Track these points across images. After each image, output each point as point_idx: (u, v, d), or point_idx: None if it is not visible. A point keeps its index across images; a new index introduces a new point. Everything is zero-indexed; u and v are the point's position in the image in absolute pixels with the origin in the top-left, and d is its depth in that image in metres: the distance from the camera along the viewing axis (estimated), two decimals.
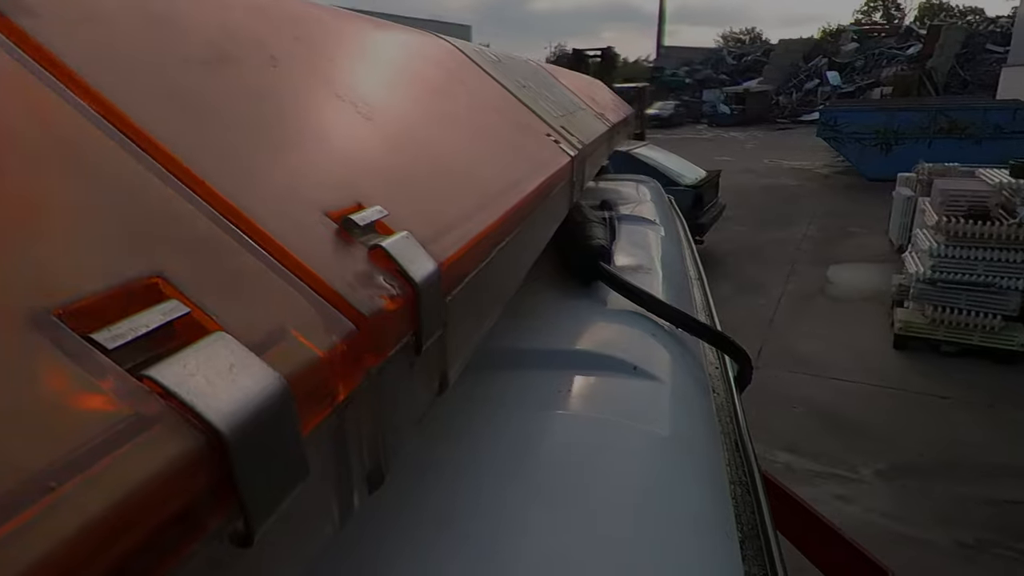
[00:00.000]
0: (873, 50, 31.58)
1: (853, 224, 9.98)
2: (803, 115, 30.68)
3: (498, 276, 0.60)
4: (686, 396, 0.88)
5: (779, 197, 11.89)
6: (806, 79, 33.04)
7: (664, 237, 1.64)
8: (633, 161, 8.47)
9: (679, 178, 8.36)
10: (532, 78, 1.40)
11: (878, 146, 13.40)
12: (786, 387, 4.93)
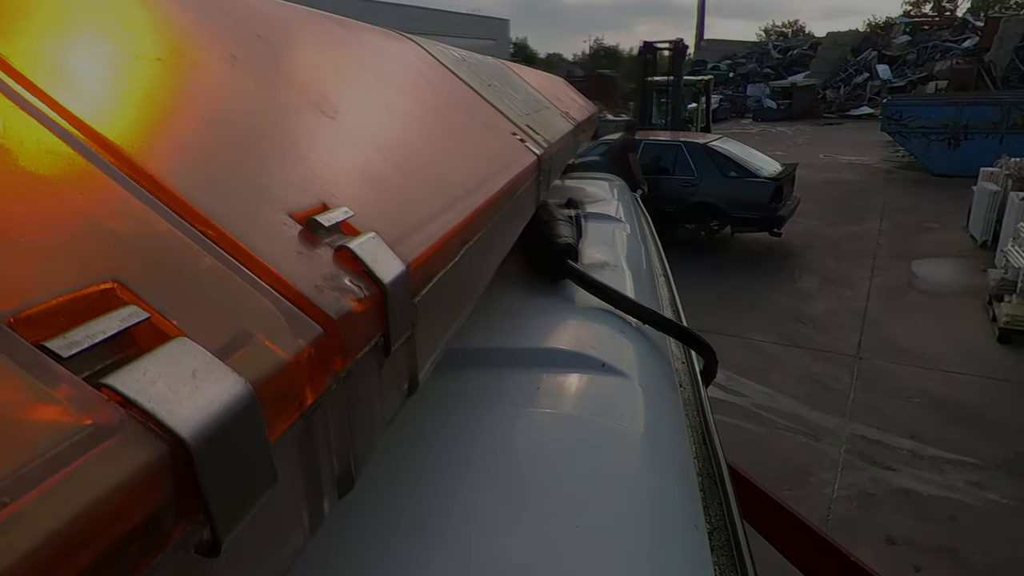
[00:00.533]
0: (926, 43, 30.78)
1: (927, 219, 9.86)
2: (851, 110, 30.07)
3: (466, 275, 0.60)
4: (654, 391, 0.89)
5: (844, 192, 11.77)
6: (855, 73, 32.36)
7: (630, 234, 1.65)
8: (712, 153, 8.51)
9: (758, 170, 8.36)
10: (498, 77, 1.39)
11: (945, 141, 13.16)
12: (896, 378, 4.97)
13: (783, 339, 5.85)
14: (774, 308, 6.61)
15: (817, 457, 4.08)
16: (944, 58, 28.69)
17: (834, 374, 5.16)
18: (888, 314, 6.32)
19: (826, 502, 3.64)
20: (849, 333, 5.92)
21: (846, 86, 32.00)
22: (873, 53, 32.34)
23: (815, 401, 4.75)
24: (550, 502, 0.60)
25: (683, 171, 8.54)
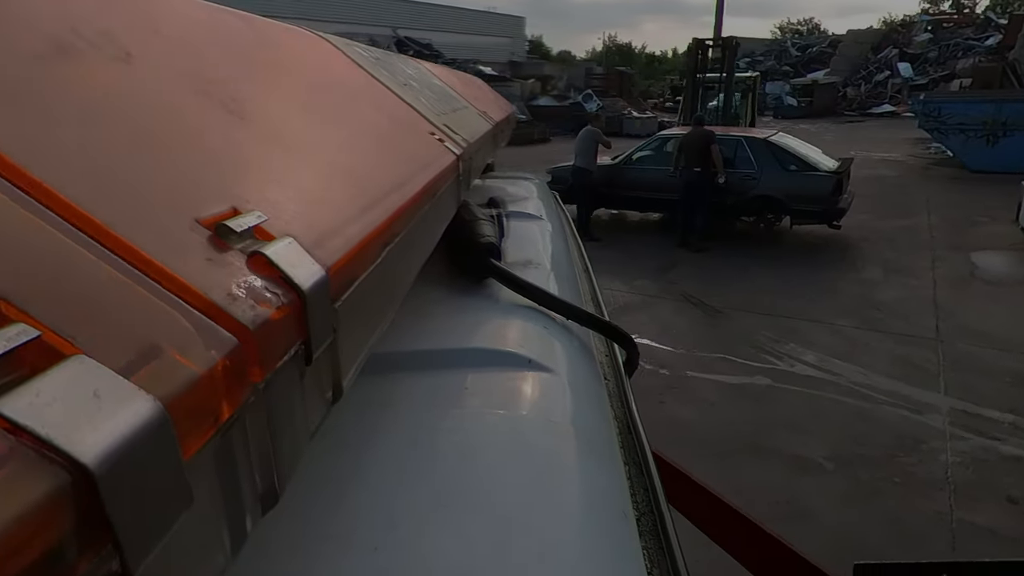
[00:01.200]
0: (947, 41, 30.89)
1: (975, 214, 10.11)
2: (873, 108, 30.18)
3: (389, 278, 0.60)
4: (579, 385, 0.91)
5: (886, 187, 12.01)
6: (876, 71, 32.45)
7: (551, 232, 1.67)
8: (773, 148, 8.79)
9: (818, 164, 8.64)
10: (414, 76, 1.38)
11: (984, 138, 13.41)
12: (981, 360, 5.23)
13: (862, 324, 6.12)
14: (845, 296, 6.89)
15: (924, 428, 4.35)
16: (966, 56, 28.77)
17: (920, 355, 5.42)
18: (957, 302, 6.59)
19: (943, 466, 3.91)
20: (924, 318, 6.19)
21: (867, 84, 32.09)
22: (894, 51, 32.41)
23: (908, 379, 4.98)
24: (479, 502, 0.60)
25: (743, 165, 8.81)
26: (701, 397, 4.84)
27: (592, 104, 26.45)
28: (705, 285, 7.29)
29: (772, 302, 6.70)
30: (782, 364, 5.34)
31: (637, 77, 41.62)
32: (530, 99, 28.14)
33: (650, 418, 3.39)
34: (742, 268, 7.88)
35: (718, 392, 4.92)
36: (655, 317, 6.46)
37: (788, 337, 5.83)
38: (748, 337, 5.86)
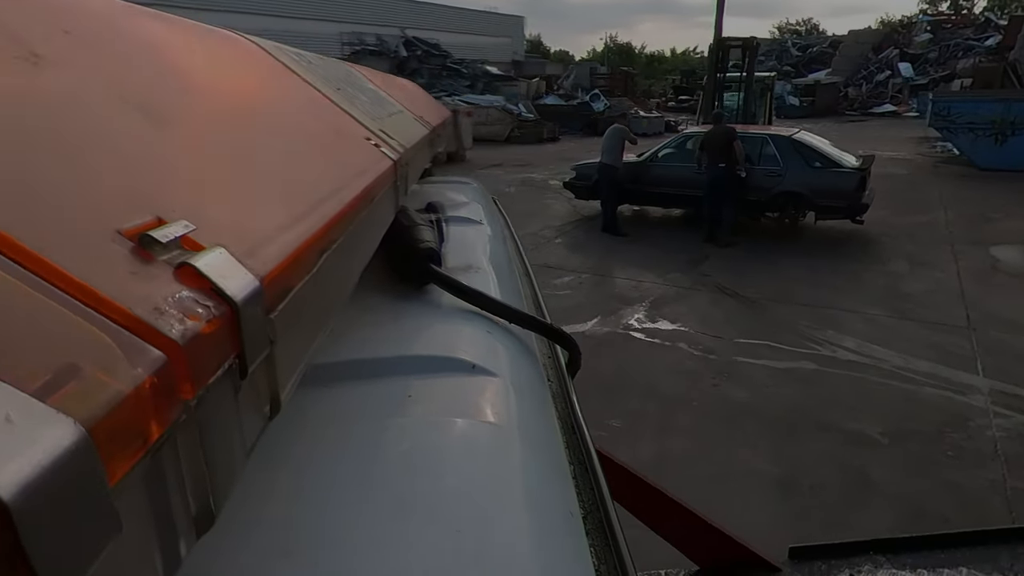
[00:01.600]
0: (948, 41, 31.25)
1: (988, 210, 10.38)
2: (874, 107, 30.51)
3: (327, 287, 0.59)
4: (523, 388, 0.91)
5: (898, 185, 12.26)
6: (877, 71, 32.79)
7: (491, 236, 1.67)
8: (797, 145, 9.05)
9: (842, 161, 8.91)
10: (346, 81, 1.35)
11: (992, 136, 13.73)
12: (1013, 346, 5.38)
13: (894, 313, 6.36)
14: (874, 287, 7.13)
15: (967, 407, 4.57)
16: (966, 56, 29.12)
17: (954, 342, 5.64)
18: (983, 292, 6.84)
19: (991, 440, 4.15)
20: (953, 308, 6.43)
21: (868, 84, 32.40)
22: (895, 51, 32.71)
23: (946, 363, 5.11)
24: (427, 510, 0.59)
25: (768, 162, 9.05)
26: (753, 380, 5.06)
27: (599, 104, 26.67)
28: (737, 277, 7.51)
29: (804, 293, 6.93)
30: (824, 350, 5.57)
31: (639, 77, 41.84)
32: (536, 98, 28.39)
33: (706, 400, 3.68)
34: (771, 261, 8.11)
35: (768, 375, 5.14)
36: (694, 308, 6.69)
37: (825, 325, 6.06)
38: (787, 325, 6.08)
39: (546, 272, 7.90)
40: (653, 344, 5.80)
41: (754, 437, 4.24)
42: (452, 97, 24.61)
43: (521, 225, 10.17)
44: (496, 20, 51.64)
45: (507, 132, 22.50)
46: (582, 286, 7.45)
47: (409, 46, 29.00)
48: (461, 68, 28.21)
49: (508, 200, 12.49)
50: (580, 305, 6.81)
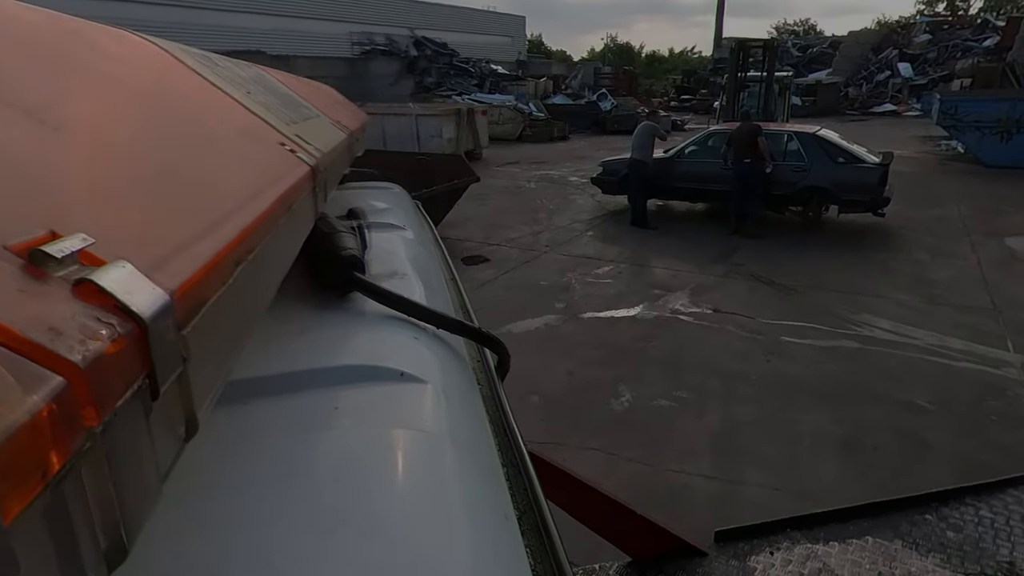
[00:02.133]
0: (946, 42, 31.79)
1: (998, 204, 10.84)
2: (874, 107, 30.97)
3: (244, 298, 0.56)
4: (453, 393, 0.90)
5: (909, 181, 12.63)
6: (876, 71, 33.29)
7: (414, 241, 1.65)
8: (821, 141, 9.46)
9: (866, 157, 9.33)
10: (257, 83, 1.30)
11: (998, 135, 14.20)
12: None
13: (922, 298, 6.75)
14: (901, 275, 7.54)
15: (1003, 379, 4.92)
16: (965, 57, 29.67)
17: (983, 323, 6.03)
18: (1004, 279, 7.26)
19: None
20: (977, 293, 6.85)
21: (868, 84, 32.88)
22: (894, 52, 33.21)
23: (978, 341, 5.46)
24: (360, 524, 0.58)
25: (793, 158, 9.46)
26: (802, 357, 5.46)
27: (607, 103, 27.07)
28: (769, 267, 7.91)
29: (835, 280, 7.33)
30: (863, 330, 5.97)
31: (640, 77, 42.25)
32: (543, 97, 28.76)
33: (762, 374, 4.17)
34: (799, 252, 8.52)
35: (815, 353, 5.54)
36: (733, 294, 7.09)
37: (860, 309, 6.46)
38: (824, 310, 6.48)
39: (585, 262, 8.29)
40: (701, 326, 6.19)
41: (813, 405, 4.64)
42: (462, 96, 24.96)
43: (551, 219, 10.58)
44: (498, 20, 51.92)
45: (519, 131, 22.87)
46: (621, 275, 7.83)
47: (419, 46, 29.33)
48: (469, 68, 28.56)
49: (532, 196, 12.88)
50: (623, 292, 7.20)
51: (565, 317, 6.49)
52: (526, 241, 9.48)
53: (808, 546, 2.29)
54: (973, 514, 2.35)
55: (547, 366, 5.35)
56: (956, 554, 2.17)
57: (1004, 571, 2.12)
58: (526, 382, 5.09)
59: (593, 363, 5.43)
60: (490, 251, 8.95)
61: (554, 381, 5.11)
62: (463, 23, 45.38)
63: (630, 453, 4.09)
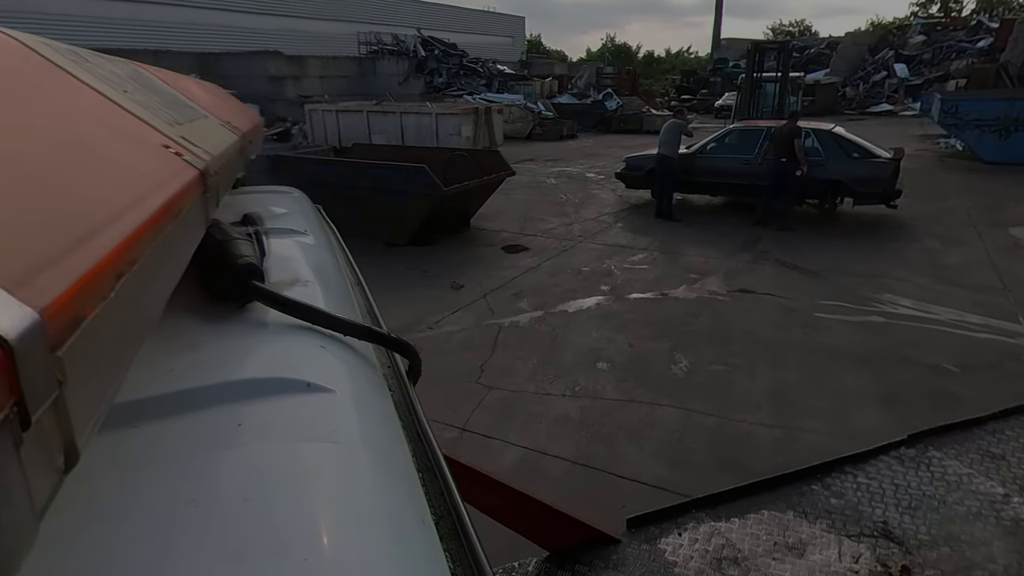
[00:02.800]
0: (941, 43, 32.59)
1: (1000, 198, 11.48)
2: (871, 107, 31.70)
3: (129, 314, 0.52)
4: (363, 401, 0.88)
5: (913, 177, 13.19)
6: (873, 71, 34.03)
7: (316, 246, 1.62)
8: (837, 138, 10.08)
9: (879, 152, 9.95)
10: (135, 81, 1.24)
11: (997, 132, 14.90)
12: None
13: (938, 280, 7.35)
14: (915, 260, 8.15)
15: (1018, 347, 5.53)
16: (959, 58, 30.45)
17: (995, 301, 6.60)
18: (1010, 264, 7.86)
19: None
20: (987, 276, 7.44)
21: (865, 84, 33.64)
22: (890, 52, 33.99)
23: (993, 315, 6.04)
24: (273, 544, 0.55)
25: (811, 153, 10.04)
26: (835, 330, 6.03)
27: (612, 102, 27.68)
28: (793, 254, 8.50)
29: (856, 266, 7.94)
30: (887, 307, 6.57)
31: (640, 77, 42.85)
32: (549, 97, 29.35)
33: (801, 343, 4.91)
34: (818, 241, 9.12)
35: (846, 326, 6.12)
36: (763, 278, 7.67)
37: (882, 290, 7.07)
38: (849, 290, 7.08)
39: (620, 251, 8.86)
40: (739, 305, 6.78)
41: (852, 368, 5.24)
42: (473, 96, 25.49)
43: (578, 212, 11.18)
44: (498, 20, 52.40)
45: (528, 129, 23.44)
46: (656, 262, 8.41)
47: (426, 46, 29.84)
48: (478, 68, 29.09)
49: (555, 191, 13.45)
50: (662, 276, 7.78)
51: (613, 298, 7.05)
52: (559, 232, 10.04)
53: (712, 524, 2.39)
54: (852, 481, 2.57)
55: (608, 339, 5.92)
56: (839, 518, 2.33)
57: (879, 530, 2.26)
58: (593, 352, 5.67)
59: (648, 336, 6.00)
60: (527, 241, 9.51)
61: (617, 351, 5.68)
62: (464, 23, 45.87)
63: (698, 407, 4.67)
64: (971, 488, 2.40)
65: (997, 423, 2.70)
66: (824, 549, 2.16)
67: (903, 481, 2.51)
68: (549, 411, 4.72)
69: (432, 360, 5.47)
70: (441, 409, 4.76)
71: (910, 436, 2.72)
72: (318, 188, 9.98)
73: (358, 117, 18.18)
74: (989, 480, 2.44)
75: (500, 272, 8.06)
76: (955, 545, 2.08)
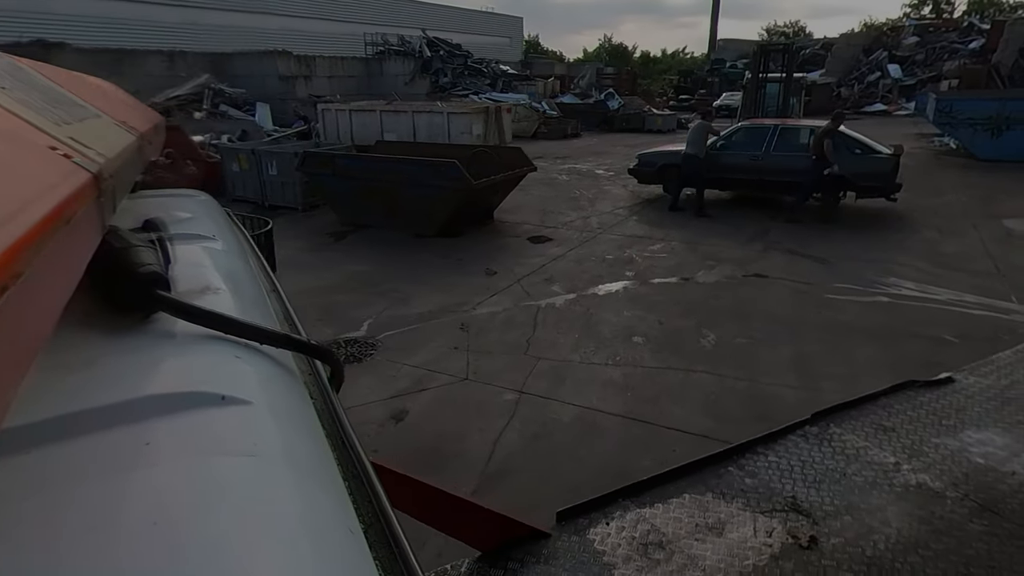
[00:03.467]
0: (934, 44, 33.33)
1: (995, 193, 12.10)
2: (866, 106, 32.36)
3: (14, 329, 0.48)
4: (283, 412, 0.85)
5: (910, 173, 13.73)
6: (867, 72, 34.72)
7: (226, 252, 1.56)
8: (840, 135, 10.67)
9: (880, 148, 10.55)
10: (13, 77, 1.12)
11: (989, 131, 15.56)
12: None
13: (937, 266, 7.91)
14: (916, 249, 8.73)
15: (1012, 322, 6.10)
16: (952, 58, 31.17)
17: (990, 284, 7.15)
18: (1003, 251, 8.46)
19: None
20: (983, 262, 8.01)
21: (860, 84, 34.32)
22: (884, 53, 34.69)
23: (988, 295, 6.63)
24: (191, 566, 0.51)
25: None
26: (847, 309, 6.59)
27: (614, 102, 28.27)
28: (802, 243, 9.07)
29: (861, 254, 8.51)
30: (892, 289, 7.14)
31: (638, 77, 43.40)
32: (551, 96, 29.90)
33: (816, 320, 5.67)
34: (824, 232, 9.70)
35: (856, 306, 6.69)
36: (775, 265, 8.23)
37: (886, 275, 7.63)
38: (856, 275, 7.64)
39: (639, 241, 9.42)
40: (756, 288, 7.35)
41: (863, 341, 5.81)
42: (479, 95, 26.01)
43: (593, 206, 11.77)
44: (497, 20, 52.85)
45: (534, 128, 23.97)
46: (674, 251, 8.97)
47: (432, 46, 30.35)
48: (483, 68, 29.62)
49: (568, 187, 14.00)
50: (681, 263, 8.34)
51: (639, 282, 7.61)
52: (579, 224, 10.60)
53: (638, 511, 2.43)
54: (764, 460, 2.63)
55: (639, 317, 6.48)
56: (753, 497, 2.42)
57: (789, 505, 2.37)
58: (627, 329, 6.22)
59: (675, 315, 6.56)
60: (550, 232, 10.06)
61: (649, 327, 6.24)
62: (462, 23, 46.30)
63: (729, 374, 5.23)
64: (867, 459, 2.54)
65: (888, 398, 2.95)
66: (741, 527, 2.26)
67: (808, 457, 2.61)
68: (595, 377, 5.27)
69: (481, 336, 6.08)
70: (499, 375, 5.31)
71: (813, 415, 2.87)
72: (347, 182, 10.61)
73: (371, 116, 18.66)
74: (882, 451, 2.59)
75: (529, 260, 8.60)
76: (855, 513, 2.21)
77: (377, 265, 8.48)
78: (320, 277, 7.93)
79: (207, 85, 22.08)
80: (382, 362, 5.67)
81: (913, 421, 2.75)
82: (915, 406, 2.88)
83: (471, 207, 9.89)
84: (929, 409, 2.83)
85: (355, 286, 7.68)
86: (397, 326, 6.45)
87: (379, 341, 6.11)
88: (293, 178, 11.67)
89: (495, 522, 2.16)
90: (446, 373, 5.42)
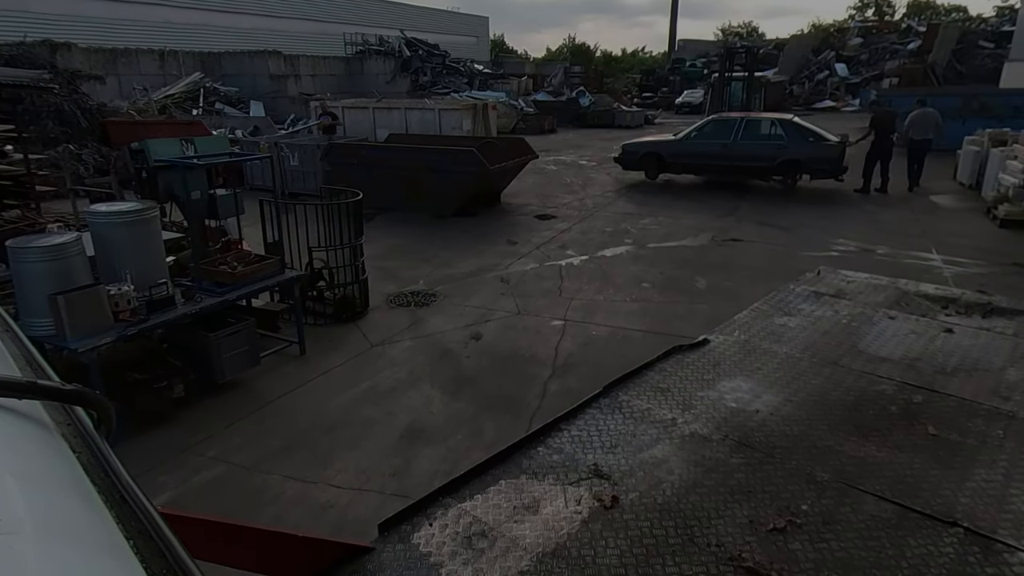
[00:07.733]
0: (877, 45, 35.98)
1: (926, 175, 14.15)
2: (816, 103, 34.76)
3: None
4: (33, 473, 0.73)
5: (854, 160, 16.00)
6: (817, 71, 37.17)
7: None
8: (796, 125, 12.45)
9: (829, 137, 12.37)
10: None
11: None
12: (951, 243, 8.85)
13: (877, 231, 9.59)
14: (859, 219, 10.49)
15: (932, 266, 7.82)
16: (893, 58, 33.79)
17: (918, 241, 8.88)
18: (931, 220, 10.34)
19: (946, 277, 7.48)
20: (913, 228, 9.80)
21: (810, 82, 36.76)
22: (831, 53, 37.23)
23: (916, 250, 8.56)
24: None
25: (775, 138, 12.44)
26: (805, 260, 8.28)
27: (585, 100, 29.95)
28: (767, 216, 10.77)
29: (816, 223, 10.22)
30: (841, 247, 8.82)
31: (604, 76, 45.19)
32: (526, 94, 31.42)
33: (783, 268, 7.74)
34: (784, 207, 11.44)
35: (813, 259, 8.41)
36: (748, 232, 9.88)
37: (837, 237, 9.33)
38: (813, 239, 9.30)
39: (630, 217, 11.01)
40: (735, 249, 8.99)
41: None
42: (459, 93, 27.36)
43: (584, 190, 13.48)
44: (463, 20, 54.00)
45: (513, 124, 25.42)
46: (662, 223, 10.58)
47: (411, 46, 31.53)
48: (460, 67, 30.96)
49: (557, 175, 15.54)
50: (670, 232, 9.95)
51: (638, 247, 9.18)
52: (575, 205, 12.13)
53: (459, 506, 2.38)
54: (567, 436, 2.67)
55: (643, 270, 8.04)
56: (561, 471, 2.48)
57: (591, 472, 2.44)
58: (636, 278, 7.77)
59: (672, 267, 8.15)
60: (552, 211, 11.57)
61: (653, 277, 7.80)
62: (430, 23, 47.34)
63: (720, 304, 6.82)
64: (651, 419, 2.66)
65: (662, 363, 3.09)
66: (553, 500, 2.31)
67: (604, 426, 2.67)
68: (619, 309, 6.80)
69: (520, 286, 7.73)
70: (544, 310, 6.80)
71: (605, 387, 2.92)
72: (368, 169, 11.97)
73: (363, 113, 19.86)
74: (662, 409, 2.72)
75: (541, 233, 10.09)
76: (646, 468, 2.35)
77: (411, 239, 9.85)
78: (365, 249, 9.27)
79: (200, 84, 22.90)
80: (447, 305, 7.10)
81: (683, 380, 2.99)
82: (683, 366, 3.10)
83: (484, 190, 11.32)
84: (694, 368, 3.09)
85: (399, 255, 9.04)
86: (448, 282, 7.86)
87: (438, 292, 7.52)
88: (314, 168, 12.87)
89: (313, 548, 2.07)
90: (502, 310, 6.88)
